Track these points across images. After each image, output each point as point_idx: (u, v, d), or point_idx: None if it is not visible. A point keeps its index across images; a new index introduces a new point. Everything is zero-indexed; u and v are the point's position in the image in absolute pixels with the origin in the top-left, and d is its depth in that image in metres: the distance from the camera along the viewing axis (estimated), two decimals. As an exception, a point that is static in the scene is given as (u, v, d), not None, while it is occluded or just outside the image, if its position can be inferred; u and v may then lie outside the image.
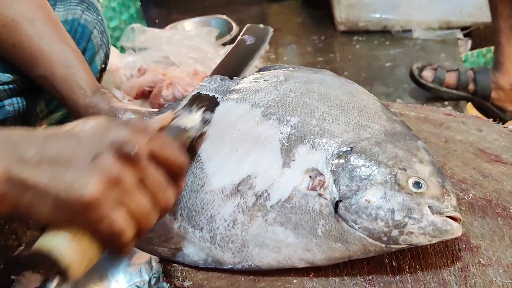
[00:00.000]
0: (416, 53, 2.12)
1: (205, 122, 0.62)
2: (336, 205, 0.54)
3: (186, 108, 0.64)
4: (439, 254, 0.57)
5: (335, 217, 0.54)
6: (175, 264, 0.59)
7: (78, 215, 0.44)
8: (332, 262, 0.55)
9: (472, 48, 2.13)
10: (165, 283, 1.21)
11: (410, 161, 0.56)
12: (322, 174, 0.56)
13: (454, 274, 0.54)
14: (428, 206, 0.53)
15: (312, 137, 0.58)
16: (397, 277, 0.55)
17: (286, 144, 0.58)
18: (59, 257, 0.44)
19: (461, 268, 0.55)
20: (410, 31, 2.24)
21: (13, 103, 0.80)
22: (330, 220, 0.54)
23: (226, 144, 0.61)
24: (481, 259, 0.55)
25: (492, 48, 1.80)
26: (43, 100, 0.87)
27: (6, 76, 0.77)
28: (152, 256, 1.20)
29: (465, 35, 2.18)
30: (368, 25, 2.29)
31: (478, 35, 2.18)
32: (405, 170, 0.54)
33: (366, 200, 0.53)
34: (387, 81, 1.92)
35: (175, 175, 0.50)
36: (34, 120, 0.86)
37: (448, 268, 0.55)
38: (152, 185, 0.48)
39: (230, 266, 0.57)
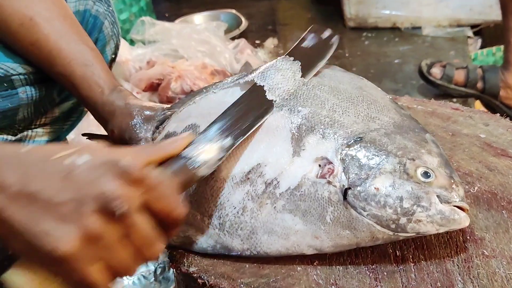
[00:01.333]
0: (425, 50, 2.11)
1: (221, 159, 0.54)
2: (345, 193, 0.54)
3: (206, 134, 0.55)
4: (443, 245, 0.57)
5: (344, 204, 0.54)
6: (181, 250, 0.60)
7: (50, 264, 0.42)
8: (340, 249, 0.55)
9: (482, 47, 2.12)
10: (170, 273, 1.23)
11: (418, 152, 0.56)
12: (332, 163, 0.56)
13: (457, 265, 0.55)
14: (436, 195, 0.53)
15: (322, 127, 0.59)
16: (401, 267, 0.55)
17: (296, 133, 0.59)
18: None
19: (464, 259, 0.55)
20: (419, 28, 2.24)
21: (26, 91, 0.81)
22: (339, 207, 0.54)
23: None
24: (484, 251, 0.56)
25: (502, 47, 1.79)
26: (55, 89, 0.88)
27: (22, 68, 0.78)
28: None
29: (475, 34, 2.18)
30: (377, 22, 2.29)
31: (488, 34, 2.17)
32: (413, 160, 0.55)
33: (375, 188, 0.53)
34: (395, 77, 1.92)
35: (167, 225, 0.47)
36: (46, 108, 0.87)
37: (452, 259, 0.55)
38: (138, 240, 0.44)
39: (238, 253, 0.57)
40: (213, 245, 0.58)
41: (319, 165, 0.56)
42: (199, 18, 2.38)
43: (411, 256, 0.56)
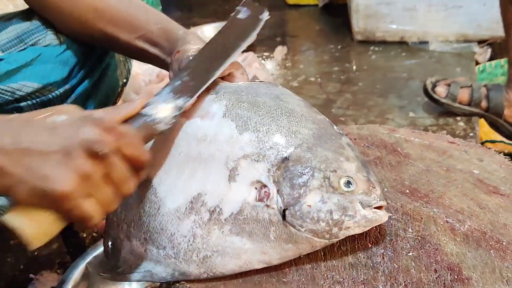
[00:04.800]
0: (432, 65, 2.14)
1: (176, 116, 0.62)
2: (283, 213, 0.61)
3: (161, 96, 0.63)
4: (432, 283, 0.60)
5: (284, 223, 0.61)
6: (183, 282, 0.63)
7: (51, 203, 0.51)
8: (286, 260, 0.62)
9: (491, 58, 2.13)
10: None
11: (338, 161, 0.63)
12: (267, 186, 0.62)
13: (444, 304, 0.57)
14: (359, 202, 0.61)
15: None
16: (390, 304, 0.58)
17: (228, 159, 0.64)
18: (23, 235, 0.51)
19: (451, 299, 0.58)
20: (426, 42, 2.26)
21: (38, 118, 0.85)
22: (280, 226, 0.61)
23: (173, 167, 0.65)
24: (471, 291, 0.58)
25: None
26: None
27: (28, 87, 0.82)
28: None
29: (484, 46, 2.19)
30: (385, 36, 2.32)
31: (498, 45, 2.19)
32: (335, 171, 0.62)
33: (307, 205, 0.60)
34: (401, 93, 1.94)
35: (136, 168, 0.56)
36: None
37: (439, 298, 0.58)
38: (116, 178, 0.54)
39: (196, 277, 0.62)
40: (172, 273, 0.63)
41: (255, 188, 0.62)
42: (209, 29, 2.42)
43: (400, 294, 0.59)
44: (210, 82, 0.67)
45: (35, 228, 0.52)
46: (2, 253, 1.20)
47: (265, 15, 0.76)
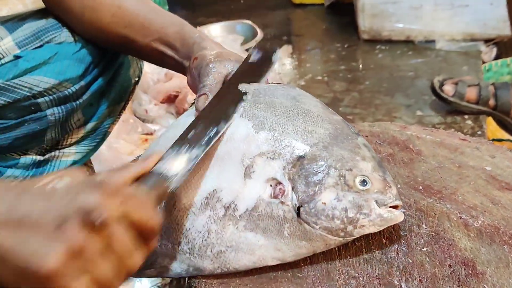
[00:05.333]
0: (439, 64, 2.14)
1: (189, 170, 0.58)
2: (298, 210, 0.61)
3: (175, 147, 0.60)
4: (446, 278, 0.60)
5: (298, 220, 0.61)
6: (199, 277, 0.64)
7: (36, 286, 0.43)
8: (300, 257, 0.63)
9: (496, 57, 2.14)
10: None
11: (354, 160, 0.63)
12: (281, 183, 0.63)
13: (459, 299, 0.58)
14: (374, 201, 0.61)
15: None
16: (406, 299, 0.59)
17: (244, 157, 0.64)
18: None
19: (466, 293, 0.58)
20: (433, 41, 2.26)
21: (54, 113, 0.86)
22: (294, 223, 0.61)
23: None
24: (485, 285, 0.59)
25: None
26: (80, 110, 0.92)
27: (45, 82, 0.83)
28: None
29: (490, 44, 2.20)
30: (391, 35, 2.32)
31: (504, 44, 2.19)
32: (351, 170, 0.62)
33: (322, 203, 0.61)
34: (408, 92, 1.95)
35: (146, 235, 0.49)
36: (71, 128, 0.92)
37: (454, 293, 0.59)
38: (120, 251, 0.46)
39: (210, 272, 0.63)
40: (186, 269, 0.64)
41: (270, 185, 0.63)
42: (215, 29, 2.43)
43: (415, 289, 0.60)
44: (222, 132, 0.65)
45: None
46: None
47: (277, 57, 0.76)
